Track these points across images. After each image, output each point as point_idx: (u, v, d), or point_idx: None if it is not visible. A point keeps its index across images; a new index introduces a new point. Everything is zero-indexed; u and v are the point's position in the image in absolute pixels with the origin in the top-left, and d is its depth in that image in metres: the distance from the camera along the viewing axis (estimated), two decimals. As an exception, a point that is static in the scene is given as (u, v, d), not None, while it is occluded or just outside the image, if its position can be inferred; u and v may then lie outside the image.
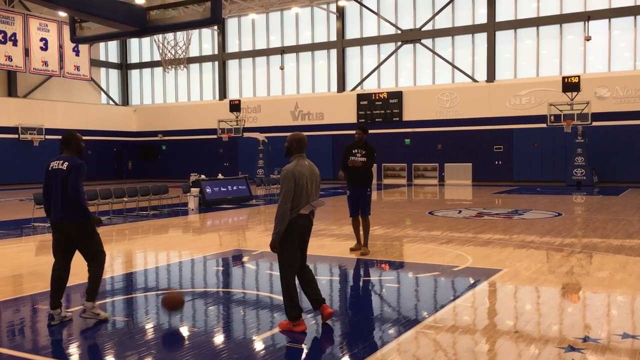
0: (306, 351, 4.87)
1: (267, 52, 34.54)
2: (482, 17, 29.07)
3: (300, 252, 5.40)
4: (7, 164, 30.65)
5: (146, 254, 10.10)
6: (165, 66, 20.11)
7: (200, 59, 36.89)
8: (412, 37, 30.47)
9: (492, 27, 28.72)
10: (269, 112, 33.67)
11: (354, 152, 9.04)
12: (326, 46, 32.88)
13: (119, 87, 39.92)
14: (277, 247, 5.22)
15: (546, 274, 7.66)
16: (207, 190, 18.03)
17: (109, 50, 39.16)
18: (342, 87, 32.34)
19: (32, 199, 13.65)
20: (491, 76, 28.85)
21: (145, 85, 39.61)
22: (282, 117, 33.18)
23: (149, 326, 5.59)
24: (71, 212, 5.52)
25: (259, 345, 5.01)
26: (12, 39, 29.58)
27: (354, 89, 32.11)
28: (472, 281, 7.37)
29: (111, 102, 39.28)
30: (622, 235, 10.91)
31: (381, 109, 30.63)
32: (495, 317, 5.81)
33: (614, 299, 6.45)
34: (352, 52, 32.49)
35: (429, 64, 30.55)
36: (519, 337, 5.07)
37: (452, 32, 29.77)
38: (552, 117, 24.92)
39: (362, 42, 32.01)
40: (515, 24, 28.45)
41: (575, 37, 27.49)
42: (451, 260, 8.64)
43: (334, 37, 32.54)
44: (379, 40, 31.57)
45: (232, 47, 36.07)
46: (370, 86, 31.98)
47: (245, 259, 9.15)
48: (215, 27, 34.65)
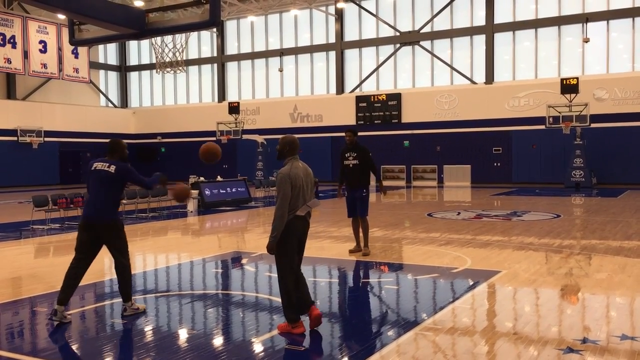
0: (305, 353, 4.87)
1: (266, 54, 34.57)
2: (480, 19, 29.12)
3: (297, 255, 5.41)
4: (6, 166, 30.62)
5: (145, 256, 10.10)
6: (161, 69, 20.11)
7: (199, 61, 36.91)
8: (410, 39, 30.51)
9: (490, 29, 28.76)
10: (268, 114, 33.68)
11: (346, 155, 9.10)
12: (325, 48, 32.92)
13: (118, 90, 39.93)
14: (273, 250, 5.21)
15: (545, 276, 7.66)
16: (206, 192, 18.04)
17: (108, 52, 39.17)
18: (341, 89, 32.36)
19: (31, 201, 13.66)
20: (490, 78, 28.88)
21: (144, 87, 39.61)
22: (281, 119, 33.20)
23: (148, 329, 5.59)
24: (107, 210, 5.76)
25: (258, 347, 5.01)
26: (11, 41, 29.58)
27: (353, 90, 32.14)
28: (471, 283, 7.37)
29: (110, 105, 39.28)
30: (621, 236, 10.92)
31: (380, 110, 30.66)
32: (494, 318, 5.82)
33: (612, 300, 6.46)
34: (350, 54, 32.53)
35: (428, 65, 30.59)
36: (518, 339, 5.07)
37: (450, 34, 29.81)
38: (551, 119, 24.95)
39: (360, 44, 32.05)
40: (513, 26, 28.49)
41: (573, 39, 27.54)
42: (450, 261, 8.65)
43: (332, 39, 32.58)
44: (377, 42, 31.61)
45: (231, 49, 36.10)
46: (369, 88, 32.00)
47: (244, 261, 9.16)
48: (214, 30, 34.66)
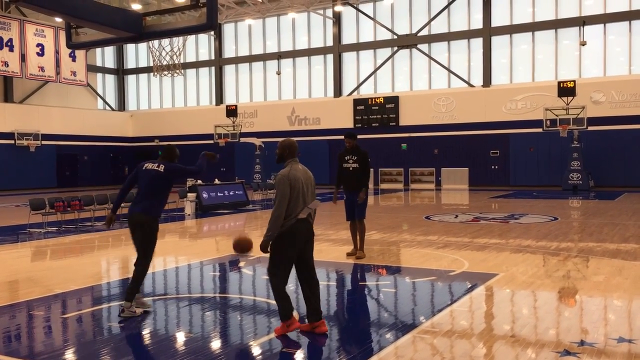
0: (303, 356, 4.87)
1: (264, 57, 34.59)
2: (477, 22, 29.19)
3: (305, 261, 5.40)
4: (3, 169, 30.57)
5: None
6: (159, 72, 20.10)
7: (196, 64, 36.92)
8: (408, 42, 30.57)
9: (487, 32, 28.83)
10: (266, 117, 33.70)
11: (346, 158, 9.07)
12: (323, 51, 32.95)
13: (115, 93, 39.91)
14: (266, 249, 5.23)
15: (542, 278, 7.67)
16: (204, 195, 18.02)
17: (106, 55, 39.17)
18: (338, 92, 32.40)
19: (28, 204, 13.63)
20: (487, 81, 28.94)
21: (141, 90, 39.60)
22: (278, 122, 33.21)
23: (145, 332, 5.58)
24: (151, 208, 6.08)
25: (256, 350, 5.01)
26: (9, 44, 29.55)
27: (351, 94, 32.17)
28: (468, 285, 7.38)
29: (108, 108, 39.25)
30: (618, 239, 10.93)
31: (378, 113, 30.70)
32: (491, 321, 5.82)
33: (609, 303, 6.47)
34: (348, 57, 32.57)
35: (425, 69, 30.64)
36: (516, 342, 5.07)
37: (448, 37, 29.88)
38: (548, 122, 24.99)
39: (358, 47, 32.10)
40: (510, 29, 28.56)
41: (570, 42, 27.61)
42: (448, 264, 8.65)
43: (330, 42, 32.62)
44: (375, 45, 31.66)
45: (228, 52, 36.12)
46: (366, 91, 32.04)
47: (242, 264, 9.15)
48: (211, 33, 34.70)
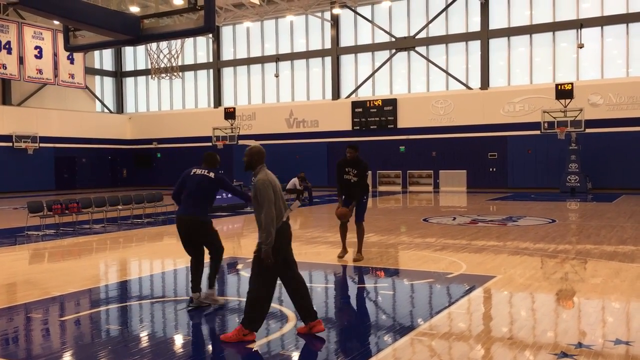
0: (300, 358, 4.87)
1: (262, 59, 34.61)
2: (475, 25, 29.24)
3: (288, 262, 5.35)
4: (1, 172, 30.53)
5: (141, 262, 10.08)
6: (156, 74, 20.11)
7: (195, 67, 36.94)
8: (406, 44, 30.61)
9: (485, 34, 28.88)
10: (264, 120, 33.71)
11: (346, 170, 8.96)
12: (321, 54, 32.98)
13: (113, 95, 39.90)
14: (271, 257, 5.11)
15: (540, 281, 7.68)
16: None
17: (104, 58, 39.17)
18: (336, 94, 32.43)
19: (26, 207, 13.62)
20: (485, 83, 28.99)
21: (140, 93, 39.60)
22: (277, 124, 33.23)
23: (143, 335, 5.58)
24: (199, 210, 6.47)
25: (254, 352, 5.01)
26: (7, 47, 29.56)
27: (349, 96, 32.20)
28: (466, 288, 7.38)
29: (106, 110, 39.24)
30: (616, 241, 10.95)
31: (376, 116, 30.72)
32: (489, 323, 5.83)
33: (607, 305, 6.48)
34: (346, 60, 32.61)
35: (423, 71, 30.68)
36: (513, 343, 5.08)
37: (446, 39, 29.93)
38: (546, 124, 25.04)
39: (356, 49, 32.14)
40: (508, 32, 28.62)
41: (568, 45, 27.68)
42: (446, 267, 8.66)
43: (328, 45, 32.66)
44: (373, 47, 31.70)
45: (227, 54, 36.14)
46: (364, 94, 32.07)
47: (239, 267, 9.15)
48: (210, 35, 34.72)
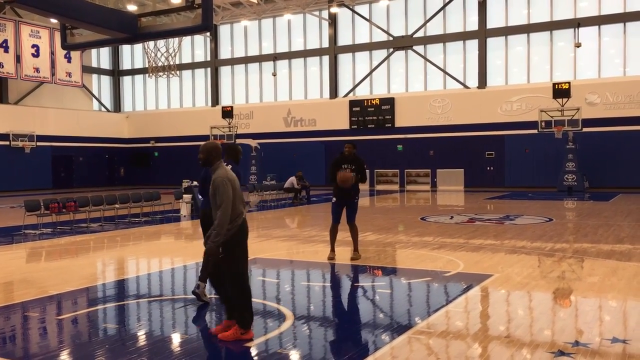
0: (298, 357, 4.87)
1: (260, 58, 34.59)
2: (473, 24, 29.26)
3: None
4: (-3, 170, 30.50)
5: (138, 261, 10.07)
6: (154, 73, 20.09)
7: (192, 66, 36.90)
8: (403, 43, 30.62)
9: (483, 33, 28.91)
10: (262, 119, 33.69)
11: (343, 167, 8.89)
12: (318, 52, 32.97)
13: (111, 94, 39.84)
14: (215, 254, 5.09)
15: (537, 279, 7.69)
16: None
17: (101, 56, 39.10)
18: (334, 93, 32.42)
19: (23, 205, 13.60)
20: (482, 82, 29.01)
21: (137, 91, 39.55)
22: (274, 123, 33.22)
23: (141, 333, 5.58)
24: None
25: (252, 351, 5.01)
26: (4, 45, 29.49)
27: (347, 95, 32.20)
28: (464, 286, 7.39)
29: (103, 109, 39.17)
30: (613, 240, 10.97)
31: (373, 115, 30.73)
32: (486, 321, 5.84)
33: (604, 303, 6.50)
34: (344, 59, 32.60)
35: (421, 70, 30.69)
36: (510, 342, 5.09)
37: (443, 38, 29.94)
38: (543, 123, 25.07)
39: (354, 48, 32.13)
40: (506, 31, 28.65)
41: (565, 44, 27.72)
42: (443, 265, 8.67)
43: (326, 44, 32.65)
44: (371, 46, 31.70)
45: (224, 53, 36.11)
46: (362, 92, 32.08)
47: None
48: (207, 34, 34.68)
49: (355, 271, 8.57)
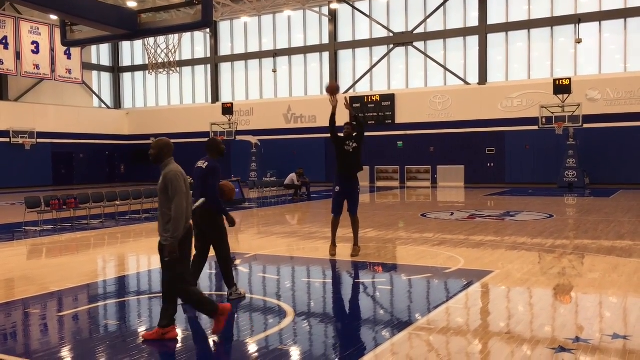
0: (299, 353, 4.87)
1: (260, 55, 34.55)
2: (473, 20, 29.21)
3: (188, 256, 5.29)
4: (-2, 167, 30.50)
5: (139, 257, 10.07)
6: (154, 69, 20.08)
7: (192, 62, 36.86)
8: (404, 39, 30.57)
9: (483, 29, 28.85)
10: (262, 115, 33.67)
11: (346, 142, 8.92)
12: (319, 49, 32.92)
13: (111, 90, 39.82)
14: (177, 251, 5.00)
15: (538, 276, 7.69)
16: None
17: (101, 53, 39.07)
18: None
19: (24, 202, 13.60)
20: (483, 79, 28.97)
21: (137, 88, 39.52)
22: (275, 120, 33.19)
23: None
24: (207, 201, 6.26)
25: (252, 347, 5.02)
26: (3, 42, 29.44)
27: (347, 91, 32.15)
28: (464, 283, 7.39)
29: (103, 106, 39.16)
30: (613, 236, 10.97)
31: (374, 111, 30.70)
32: (487, 318, 5.84)
33: (604, 299, 6.50)
34: (344, 55, 32.56)
35: (421, 66, 30.65)
36: (511, 338, 5.09)
37: (444, 34, 29.89)
38: (544, 119, 25.05)
39: (354, 44, 32.09)
40: (506, 27, 28.59)
41: (566, 40, 27.66)
42: (443, 262, 8.67)
43: (326, 40, 32.60)
44: (371, 43, 31.65)
45: (224, 50, 36.06)
46: (362, 89, 32.04)
47: (237, 262, 9.14)
48: (207, 30, 34.62)
49: (355, 268, 8.57)
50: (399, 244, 10.66)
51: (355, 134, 9.00)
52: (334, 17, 32.21)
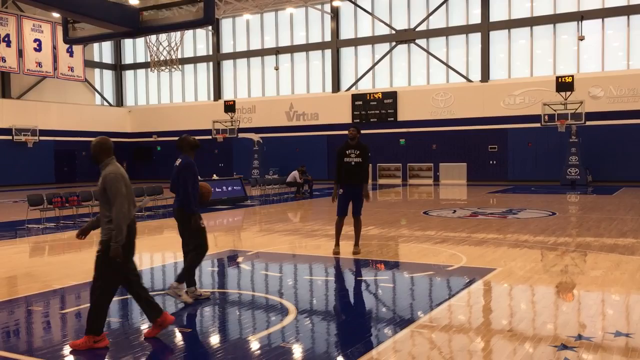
0: (301, 351, 4.88)
1: (262, 52, 34.53)
2: (476, 17, 29.15)
3: (132, 260, 5.23)
4: (0, 165, 30.53)
5: (141, 255, 10.07)
6: (156, 67, 20.08)
7: (194, 60, 36.85)
8: (406, 37, 30.52)
9: (486, 27, 28.79)
10: (264, 113, 33.67)
11: (347, 152, 8.84)
12: (321, 46, 32.90)
13: (113, 88, 39.84)
14: (121, 255, 4.90)
15: (540, 273, 7.69)
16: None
17: (103, 51, 39.07)
18: (336, 87, 32.36)
19: (26, 200, 13.62)
20: (485, 76, 28.92)
21: (139, 86, 39.54)
22: (277, 117, 33.19)
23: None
24: (180, 200, 6.42)
25: (254, 345, 5.02)
26: (6, 40, 29.48)
27: (349, 89, 32.14)
28: (466, 280, 7.39)
29: (105, 103, 39.19)
30: (616, 234, 10.96)
31: (376, 109, 30.67)
32: (489, 315, 5.84)
33: (607, 297, 6.49)
34: (346, 53, 32.52)
35: (424, 64, 30.61)
36: (513, 336, 5.09)
37: (446, 32, 29.84)
38: (546, 117, 25.01)
39: (356, 42, 32.05)
40: (509, 24, 28.53)
41: (568, 37, 27.60)
42: (446, 259, 8.67)
43: (328, 38, 32.57)
44: (373, 40, 31.61)
45: (226, 47, 36.05)
46: (364, 86, 32.01)
47: (240, 260, 9.15)
48: (209, 28, 34.63)
49: (357, 265, 8.57)
50: (401, 241, 10.66)
51: (358, 151, 8.84)
52: (336, 14, 32.17)
